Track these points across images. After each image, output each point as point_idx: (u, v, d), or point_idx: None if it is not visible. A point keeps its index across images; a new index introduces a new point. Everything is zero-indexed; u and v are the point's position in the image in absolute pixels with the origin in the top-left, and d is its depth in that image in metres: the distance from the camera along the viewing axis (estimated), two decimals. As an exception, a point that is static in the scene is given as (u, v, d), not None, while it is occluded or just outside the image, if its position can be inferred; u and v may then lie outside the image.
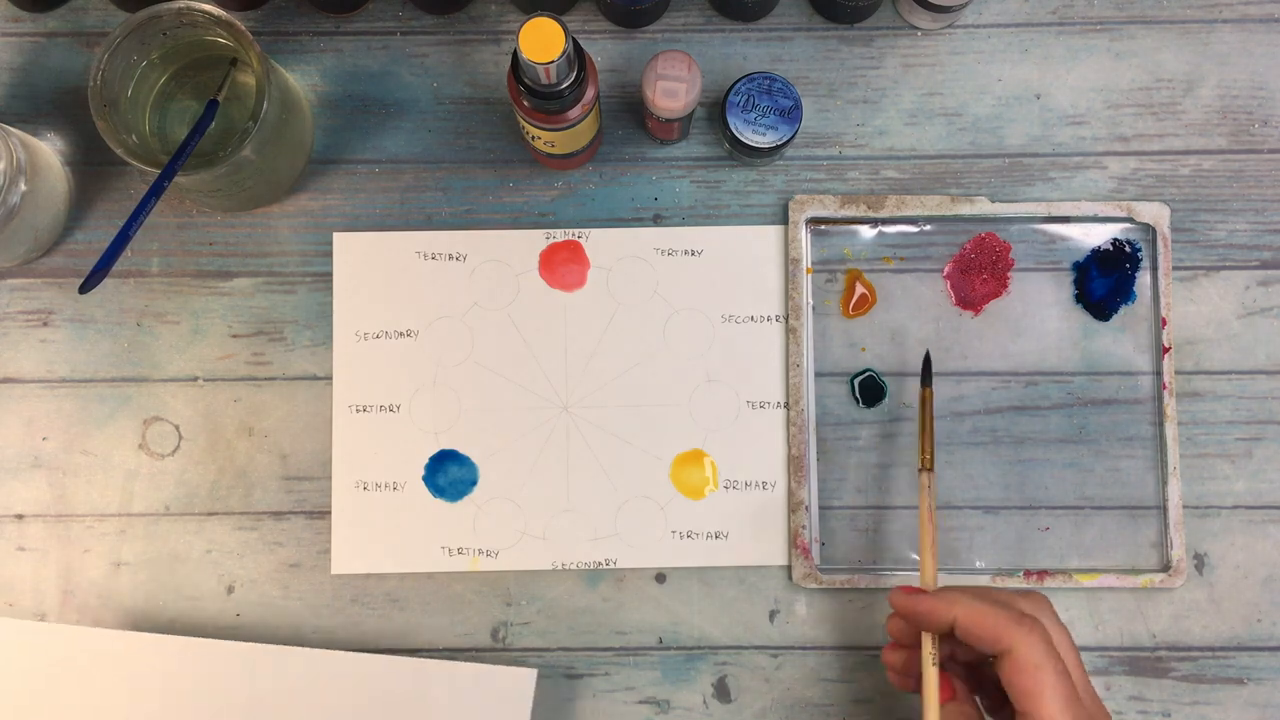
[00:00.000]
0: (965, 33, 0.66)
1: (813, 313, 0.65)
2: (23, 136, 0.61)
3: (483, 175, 0.66)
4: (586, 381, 0.64)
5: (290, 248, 0.66)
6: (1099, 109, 0.66)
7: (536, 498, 0.64)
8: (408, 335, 0.65)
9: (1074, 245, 0.65)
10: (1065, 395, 0.64)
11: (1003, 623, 0.50)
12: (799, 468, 0.63)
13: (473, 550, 0.63)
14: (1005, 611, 0.50)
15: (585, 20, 0.67)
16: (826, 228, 0.65)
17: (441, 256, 0.65)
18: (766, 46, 0.66)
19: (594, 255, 0.65)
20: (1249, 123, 0.66)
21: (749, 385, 0.64)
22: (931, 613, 0.52)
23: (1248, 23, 0.66)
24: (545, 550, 0.63)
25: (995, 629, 0.50)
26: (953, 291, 0.65)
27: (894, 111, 0.66)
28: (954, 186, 0.66)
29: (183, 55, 0.62)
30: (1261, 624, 0.63)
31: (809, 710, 0.63)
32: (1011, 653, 0.49)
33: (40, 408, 0.65)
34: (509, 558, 0.63)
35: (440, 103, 0.66)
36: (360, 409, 0.64)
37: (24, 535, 0.64)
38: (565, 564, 0.63)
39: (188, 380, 0.65)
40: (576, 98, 0.57)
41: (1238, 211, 0.65)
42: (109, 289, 0.65)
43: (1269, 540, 0.64)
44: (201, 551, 0.64)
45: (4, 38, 0.66)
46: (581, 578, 0.64)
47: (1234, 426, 0.64)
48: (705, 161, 0.66)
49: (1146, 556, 0.64)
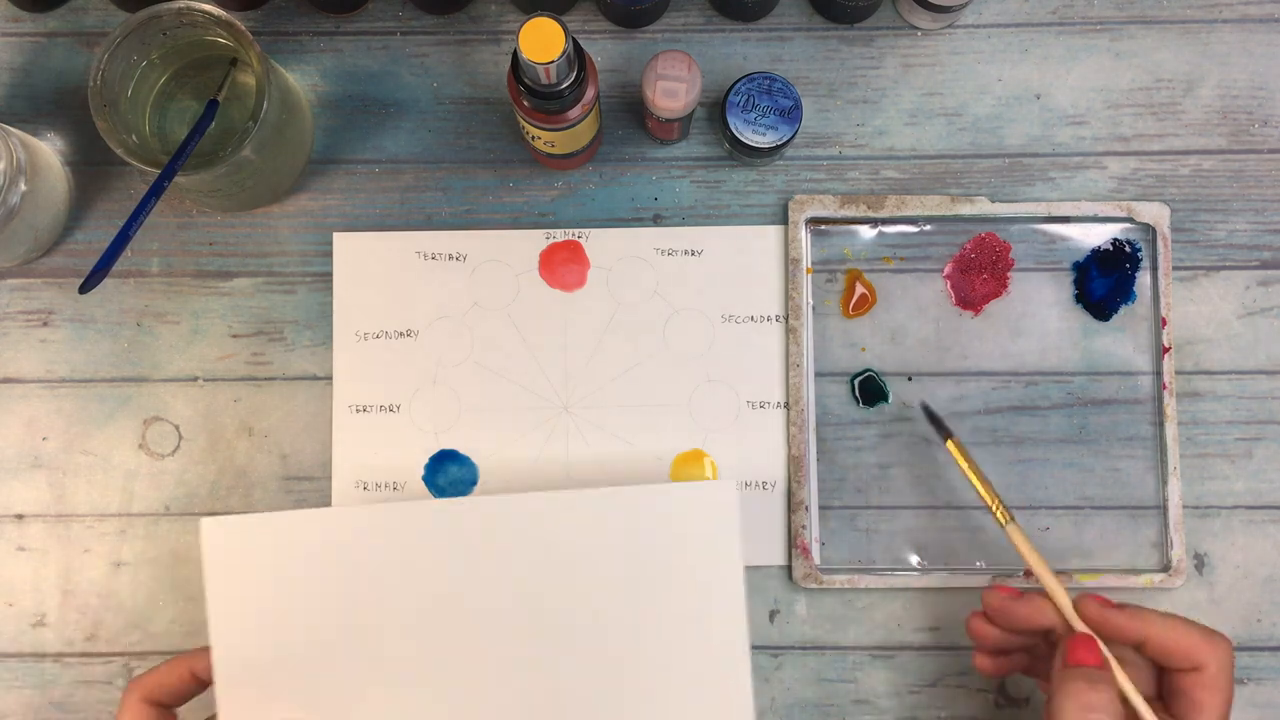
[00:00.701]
0: (965, 33, 0.66)
1: (813, 313, 0.65)
2: (23, 136, 0.61)
3: (483, 175, 0.66)
4: (586, 381, 0.64)
5: (290, 248, 0.66)
6: (1099, 109, 0.66)
7: (536, 498, 0.64)
8: (408, 335, 0.65)
9: (1074, 245, 0.65)
10: (1065, 395, 0.64)
11: (1196, 639, 0.52)
12: (799, 468, 0.63)
13: (473, 550, 0.63)
14: (1198, 628, 0.52)
15: (585, 20, 0.67)
16: (826, 228, 0.65)
17: (441, 256, 0.65)
18: (766, 46, 0.66)
19: (594, 255, 0.65)
20: (1249, 123, 0.66)
21: (749, 385, 0.64)
22: (1124, 629, 0.53)
23: (1248, 23, 0.66)
24: (545, 550, 0.63)
25: (1190, 645, 0.52)
26: (953, 291, 0.65)
27: (894, 111, 0.66)
28: (954, 186, 0.66)
29: (183, 55, 0.62)
30: (1261, 624, 0.63)
31: (809, 710, 0.63)
32: (1204, 669, 0.51)
33: (40, 408, 0.65)
34: (509, 558, 0.63)
35: (440, 103, 0.66)
36: (360, 409, 0.64)
37: (24, 535, 0.64)
38: (565, 564, 0.63)
39: (188, 380, 0.65)
40: (576, 98, 0.57)
41: (1238, 211, 0.65)
42: (109, 289, 0.65)
43: (1269, 540, 0.64)
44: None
45: (4, 38, 0.66)
46: (581, 578, 0.63)
47: (1234, 426, 0.64)
48: (705, 161, 0.66)
49: (1146, 556, 0.64)
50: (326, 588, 0.57)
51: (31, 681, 0.63)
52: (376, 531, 0.57)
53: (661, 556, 0.57)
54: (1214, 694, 0.51)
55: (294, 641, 0.56)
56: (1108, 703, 0.50)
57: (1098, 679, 0.51)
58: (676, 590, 0.57)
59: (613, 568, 0.57)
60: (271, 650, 0.56)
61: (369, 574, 0.57)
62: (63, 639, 0.63)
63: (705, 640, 0.56)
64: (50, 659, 0.63)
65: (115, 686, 0.63)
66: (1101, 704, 0.50)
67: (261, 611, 0.56)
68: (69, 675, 0.63)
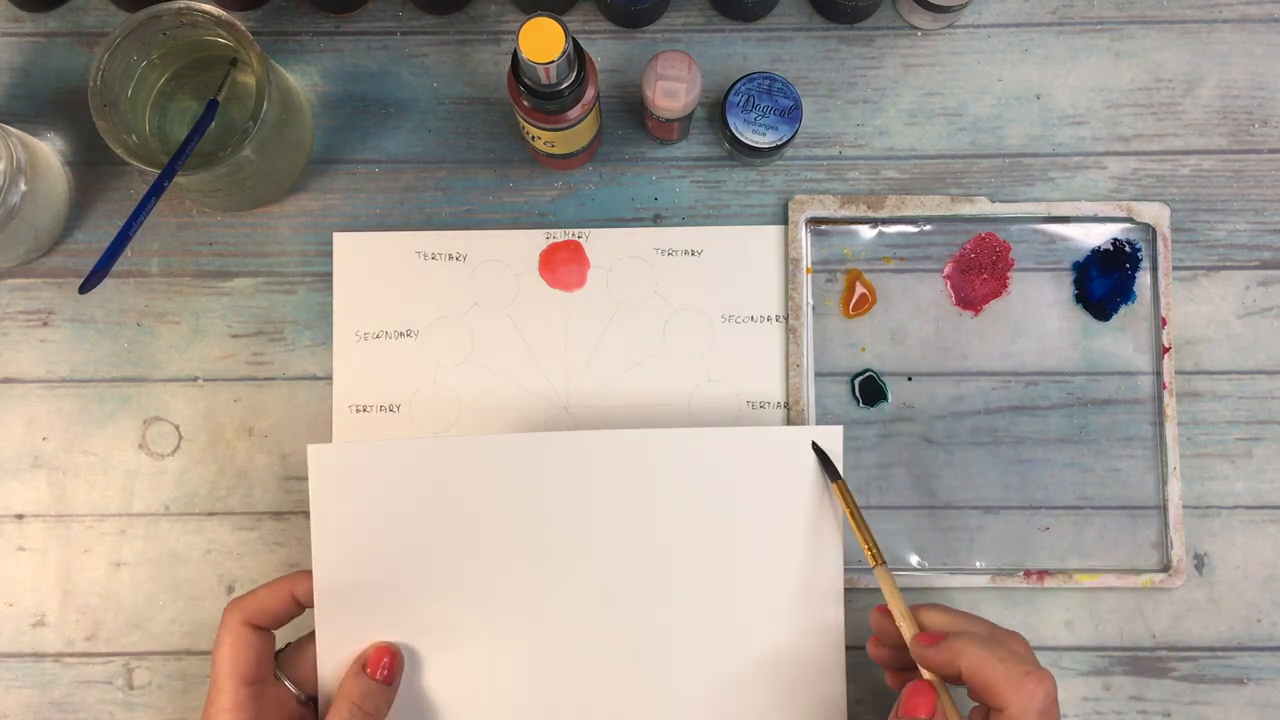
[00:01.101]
0: (965, 33, 0.66)
1: (813, 313, 0.65)
2: (23, 136, 0.61)
3: (483, 175, 0.66)
4: (586, 381, 0.64)
5: (290, 248, 0.66)
6: (1099, 109, 0.66)
7: (537, 498, 0.64)
8: (408, 335, 0.65)
9: (1074, 245, 0.65)
10: (1065, 395, 0.64)
11: (1002, 678, 0.49)
12: (799, 468, 0.63)
13: (473, 550, 0.63)
14: (1008, 668, 0.50)
15: (585, 20, 0.67)
16: (826, 228, 0.65)
17: (441, 256, 0.65)
18: (766, 46, 0.66)
19: (594, 255, 0.65)
20: (1249, 123, 0.66)
21: (749, 385, 0.64)
22: (936, 664, 0.52)
23: (1248, 23, 0.66)
24: (545, 550, 0.63)
25: (994, 684, 0.50)
26: (953, 291, 0.65)
27: (894, 111, 0.66)
28: (954, 186, 0.66)
29: (183, 55, 0.62)
30: (1261, 624, 0.63)
31: (809, 710, 0.63)
32: (1005, 710, 0.49)
33: (40, 408, 0.65)
34: (509, 557, 0.63)
35: (440, 103, 0.66)
36: (360, 409, 0.64)
37: (24, 535, 0.64)
38: (565, 564, 0.63)
39: (188, 380, 0.65)
40: (576, 98, 0.57)
41: (1238, 211, 0.65)
42: (109, 289, 0.65)
43: (1269, 540, 0.64)
44: (201, 551, 0.64)
45: (4, 38, 0.66)
46: (581, 578, 0.63)
47: (1234, 426, 0.64)
48: (705, 161, 0.66)
49: (1146, 556, 0.64)
50: (427, 516, 0.57)
51: (31, 681, 0.63)
52: (477, 462, 0.58)
53: (760, 498, 0.58)
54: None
55: (393, 569, 0.57)
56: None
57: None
58: (774, 533, 0.58)
59: (712, 506, 0.58)
60: (370, 575, 0.57)
61: (468, 504, 0.58)
62: (63, 639, 0.63)
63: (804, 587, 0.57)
64: (50, 659, 0.63)
65: (115, 686, 0.63)
66: None
67: (362, 538, 0.57)
68: (69, 675, 0.63)
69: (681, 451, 0.58)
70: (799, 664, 0.58)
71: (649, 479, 0.58)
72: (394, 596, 0.57)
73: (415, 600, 0.57)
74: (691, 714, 0.58)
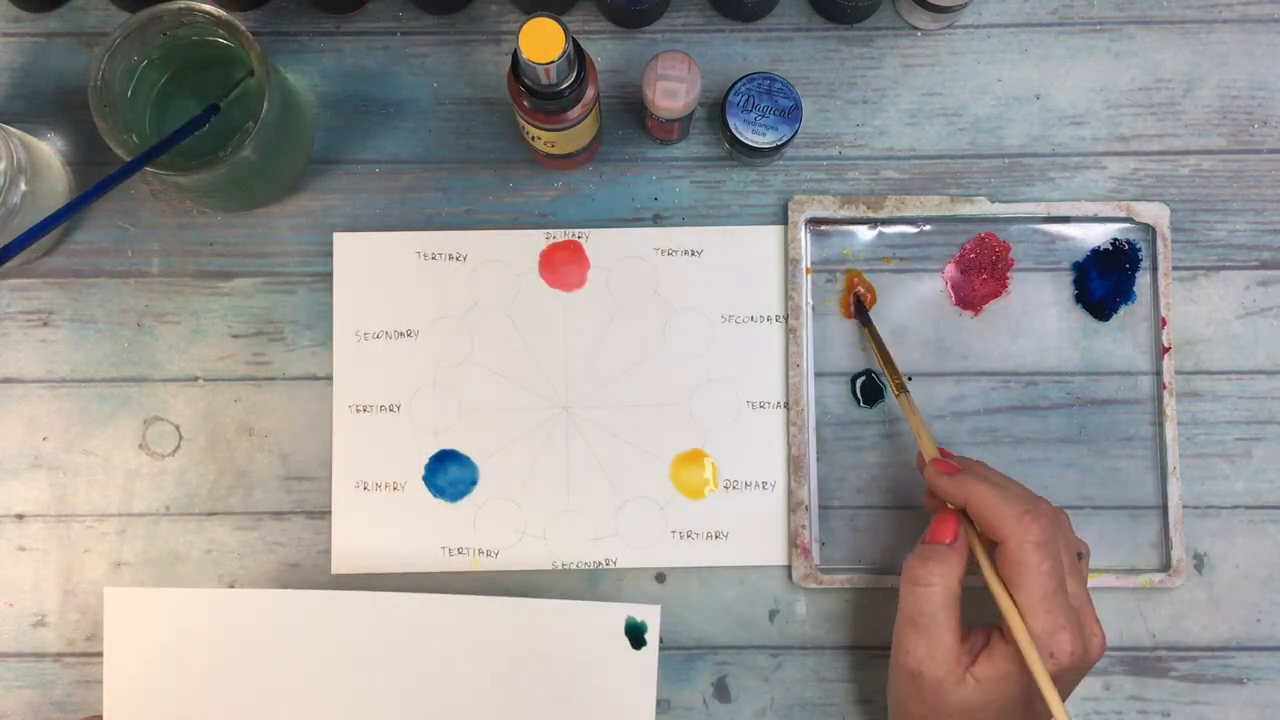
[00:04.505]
0: (965, 33, 0.67)
1: (813, 313, 0.65)
2: (23, 136, 0.61)
3: (483, 175, 0.66)
4: (586, 381, 0.64)
5: (290, 248, 0.66)
6: (1099, 109, 0.66)
7: (536, 498, 0.64)
8: (408, 335, 0.65)
9: (1074, 245, 0.65)
10: (1065, 395, 0.64)
11: (999, 513, 0.53)
12: (799, 468, 0.63)
13: (473, 550, 0.63)
14: (1009, 507, 0.53)
15: (585, 20, 0.67)
16: (826, 228, 0.65)
17: (441, 256, 0.65)
18: (766, 46, 0.66)
19: (594, 255, 0.65)
20: (1249, 123, 0.66)
21: (749, 385, 0.64)
22: (947, 493, 0.55)
23: (1248, 23, 0.66)
24: (545, 550, 0.63)
25: (992, 519, 0.53)
26: (953, 291, 0.65)
27: (894, 111, 0.66)
28: (954, 186, 0.66)
29: (183, 55, 0.62)
30: (1261, 624, 0.63)
31: (809, 710, 0.63)
32: (1004, 545, 0.52)
33: (40, 408, 0.65)
34: (509, 558, 0.63)
35: (440, 103, 0.66)
36: (360, 409, 0.64)
37: (24, 535, 0.64)
38: (565, 564, 0.63)
39: (188, 380, 0.65)
40: (576, 98, 0.57)
41: (1238, 211, 0.65)
42: (109, 289, 0.65)
43: (1269, 540, 0.64)
44: (201, 551, 0.64)
45: (4, 38, 0.66)
46: (582, 578, 0.64)
47: (1234, 426, 0.64)
48: (705, 161, 0.66)
49: (1146, 556, 0.64)
50: (222, 667, 0.59)
51: (31, 681, 0.63)
52: (275, 615, 0.59)
53: (566, 668, 0.59)
54: (1016, 569, 0.52)
55: (185, 717, 0.58)
56: (936, 577, 0.53)
57: (929, 555, 0.54)
58: (585, 706, 0.59)
59: (519, 679, 0.59)
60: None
61: (264, 657, 0.59)
62: (63, 639, 0.63)
63: None
64: (50, 659, 0.63)
65: (115, 686, 0.63)
66: (926, 577, 0.53)
67: (156, 685, 0.59)
68: (69, 675, 0.63)
69: (491, 621, 0.60)
70: None
71: (452, 644, 0.59)
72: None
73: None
74: None
